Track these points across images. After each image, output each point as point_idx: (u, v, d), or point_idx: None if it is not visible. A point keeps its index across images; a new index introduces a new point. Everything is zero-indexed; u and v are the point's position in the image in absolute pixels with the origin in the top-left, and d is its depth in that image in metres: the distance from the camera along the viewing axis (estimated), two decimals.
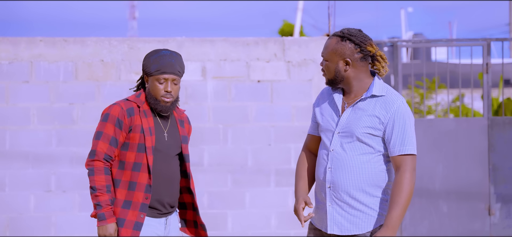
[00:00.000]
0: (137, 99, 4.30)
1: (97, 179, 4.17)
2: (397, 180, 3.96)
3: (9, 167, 7.91)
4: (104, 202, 4.15)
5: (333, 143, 4.06)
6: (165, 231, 4.30)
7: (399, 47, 8.54)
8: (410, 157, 3.99)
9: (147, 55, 4.32)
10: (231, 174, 8.15)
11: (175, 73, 4.25)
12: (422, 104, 22.72)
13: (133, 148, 4.22)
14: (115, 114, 4.21)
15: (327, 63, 4.09)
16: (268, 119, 8.16)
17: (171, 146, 4.30)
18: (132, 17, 61.85)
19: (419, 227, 8.57)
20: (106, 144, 4.19)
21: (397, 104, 4.02)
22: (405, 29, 49.01)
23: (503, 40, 8.77)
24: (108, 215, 4.15)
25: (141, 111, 4.26)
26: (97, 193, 4.16)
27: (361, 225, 4.04)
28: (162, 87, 4.24)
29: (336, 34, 4.09)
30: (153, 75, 4.24)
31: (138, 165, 4.21)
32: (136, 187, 4.19)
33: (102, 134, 4.21)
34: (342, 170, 4.03)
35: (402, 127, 4.00)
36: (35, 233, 7.93)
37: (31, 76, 7.94)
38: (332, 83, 4.10)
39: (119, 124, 4.20)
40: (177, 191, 4.34)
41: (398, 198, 3.93)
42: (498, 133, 8.61)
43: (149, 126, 4.24)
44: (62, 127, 7.93)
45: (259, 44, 8.15)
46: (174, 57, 4.27)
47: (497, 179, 8.61)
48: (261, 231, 8.16)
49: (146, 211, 4.20)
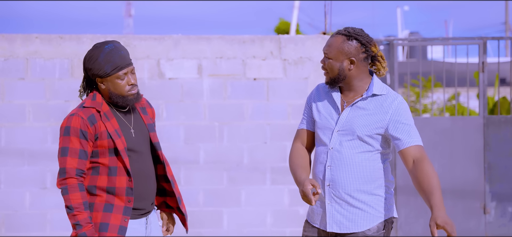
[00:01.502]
0: (94, 102, 4.07)
1: (72, 197, 3.93)
2: (421, 168, 3.97)
3: (5, 164, 7.90)
4: (83, 221, 3.92)
5: (332, 141, 4.07)
6: (146, 231, 4.15)
7: (395, 45, 8.55)
8: (421, 147, 4.05)
9: (91, 57, 4.04)
10: (227, 172, 8.15)
11: (130, 63, 4.06)
12: (418, 102, 22.75)
13: (105, 154, 4.01)
14: (76, 125, 3.97)
15: (331, 61, 4.07)
16: (264, 117, 8.16)
17: (140, 141, 4.12)
18: (128, 15, 61.79)
19: (414, 226, 8.57)
20: (75, 159, 3.96)
21: (398, 101, 4.06)
22: (401, 27, 49.05)
23: (499, 39, 8.78)
24: (89, 233, 3.92)
25: (102, 115, 4.04)
26: (75, 212, 3.92)
27: (360, 223, 4.05)
28: (125, 82, 4.03)
29: (341, 32, 4.08)
30: (111, 75, 4.01)
31: (114, 169, 4.01)
32: (116, 192, 4.01)
33: (68, 149, 3.97)
34: (342, 168, 4.04)
35: (406, 121, 4.04)
36: (30, 230, 7.92)
37: (26, 73, 7.93)
38: (333, 81, 4.09)
39: (84, 135, 3.97)
40: (154, 186, 4.19)
41: (433, 182, 3.92)
42: (494, 132, 8.62)
43: (114, 129, 4.04)
44: (57, 124, 7.92)
45: (255, 42, 8.14)
46: (121, 48, 4.07)
47: (492, 178, 8.62)
48: (257, 229, 8.16)
49: (130, 215, 4.02)
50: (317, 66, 8.13)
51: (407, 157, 4.03)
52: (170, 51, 8.07)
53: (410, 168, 4.03)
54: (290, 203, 8.17)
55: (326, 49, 4.10)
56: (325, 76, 4.13)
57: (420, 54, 8.66)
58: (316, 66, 8.14)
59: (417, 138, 4.05)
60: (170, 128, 7.98)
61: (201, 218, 8.10)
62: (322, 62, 4.12)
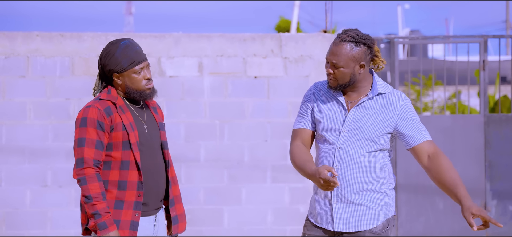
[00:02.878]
0: (110, 96, 4.12)
1: (91, 187, 3.95)
2: (440, 163, 4.03)
3: (5, 162, 7.90)
4: (102, 210, 3.94)
5: (340, 141, 4.07)
6: (154, 230, 4.17)
7: (396, 43, 8.55)
8: (432, 141, 4.10)
9: (108, 53, 4.11)
10: (227, 170, 8.15)
11: (145, 59, 4.14)
12: (419, 101, 22.75)
13: (118, 147, 4.04)
14: (93, 117, 4.02)
15: (342, 70, 4.03)
16: (265, 115, 8.16)
17: (152, 137, 4.17)
18: (128, 13, 61.76)
19: (415, 224, 8.57)
20: (92, 149, 3.99)
21: (402, 98, 4.10)
22: (401, 26, 49.05)
23: (500, 37, 8.78)
24: (109, 223, 3.94)
25: (117, 107, 4.09)
26: (94, 202, 3.94)
27: (366, 221, 4.07)
28: (141, 76, 4.09)
29: (346, 39, 4.03)
30: (127, 69, 4.07)
31: (126, 163, 4.04)
32: (128, 186, 4.03)
33: (85, 139, 4.00)
34: (350, 167, 4.05)
35: (413, 118, 4.10)
36: (31, 228, 7.93)
37: (27, 71, 7.93)
38: (343, 87, 4.08)
39: (101, 126, 4.01)
40: (164, 183, 4.21)
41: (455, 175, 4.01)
42: (495, 130, 8.62)
43: (129, 121, 4.09)
44: (58, 122, 7.92)
45: (256, 40, 8.14)
46: (136, 44, 4.14)
47: (493, 176, 8.62)
48: (258, 227, 8.16)
49: (141, 209, 4.05)
50: (318, 64, 8.13)
51: (421, 153, 4.06)
52: (170, 49, 8.07)
53: (425, 164, 4.06)
54: (290, 201, 8.17)
55: (334, 58, 4.04)
56: (331, 82, 4.09)
57: (420, 52, 8.66)
58: (316, 64, 8.14)
59: (426, 134, 4.10)
60: (170, 126, 7.98)
61: (201, 216, 8.10)
62: (330, 71, 4.06)
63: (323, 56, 7.98)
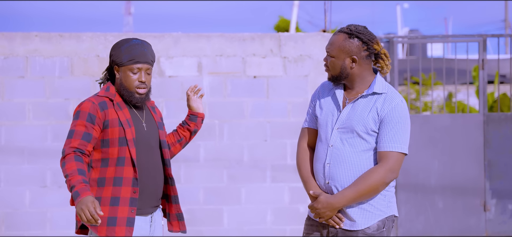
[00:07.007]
0: (108, 93, 4.14)
1: (67, 167, 3.95)
2: (369, 171, 3.97)
3: (5, 163, 7.89)
4: (76, 182, 3.90)
5: (332, 138, 4.06)
6: (150, 230, 4.16)
7: (395, 43, 8.55)
8: (395, 155, 3.98)
9: (117, 45, 4.15)
10: (227, 170, 8.14)
11: (148, 63, 4.12)
12: (418, 100, 22.75)
13: (114, 143, 4.05)
14: (85, 109, 4.05)
15: (333, 59, 4.06)
16: (264, 114, 8.16)
17: (151, 135, 4.17)
18: (127, 13, 61.74)
19: (415, 223, 8.57)
20: (77, 140, 4.00)
21: (396, 102, 4.02)
22: (401, 25, 49.03)
23: (499, 36, 8.78)
24: (82, 190, 3.87)
25: (114, 104, 4.10)
26: (69, 177, 3.92)
27: (359, 221, 4.02)
28: (136, 77, 4.09)
29: (343, 30, 4.07)
30: (125, 65, 4.09)
31: (121, 160, 4.05)
32: (123, 182, 4.04)
33: (74, 132, 4.03)
34: (340, 165, 4.03)
35: (395, 124, 3.99)
36: (30, 229, 7.92)
37: (26, 72, 7.93)
38: (336, 79, 4.09)
39: (91, 118, 4.03)
40: (162, 182, 4.20)
41: (358, 182, 3.95)
42: (494, 129, 8.62)
43: (126, 118, 4.09)
44: (57, 123, 7.92)
45: (255, 40, 8.14)
46: (146, 47, 4.14)
47: (492, 175, 8.62)
48: (257, 227, 8.16)
49: (136, 205, 4.04)
50: (317, 64, 8.13)
51: (379, 159, 4.00)
52: (170, 49, 8.07)
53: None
54: (290, 201, 8.17)
55: (328, 47, 4.09)
56: (327, 72, 4.12)
57: (420, 52, 8.67)
58: (316, 64, 8.14)
59: (398, 144, 3.98)
60: (170, 126, 7.97)
61: (201, 216, 8.10)
62: (325, 60, 4.11)
63: (322, 55, 7.97)
